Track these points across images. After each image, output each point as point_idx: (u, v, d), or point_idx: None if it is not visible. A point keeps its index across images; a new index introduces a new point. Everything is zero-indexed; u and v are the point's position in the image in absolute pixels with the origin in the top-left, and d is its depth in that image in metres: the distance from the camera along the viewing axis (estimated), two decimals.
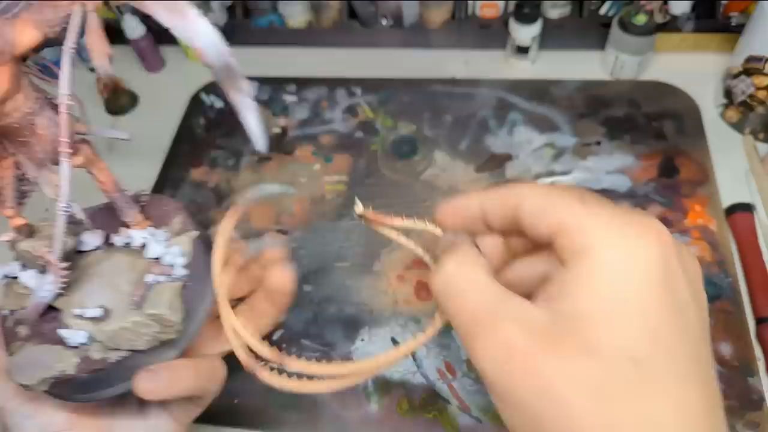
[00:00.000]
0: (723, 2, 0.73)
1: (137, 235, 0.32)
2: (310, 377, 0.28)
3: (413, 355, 0.55)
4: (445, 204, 0.29)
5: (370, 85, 0.79)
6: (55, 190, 0.27)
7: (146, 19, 0.81)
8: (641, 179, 0.66)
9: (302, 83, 0.80)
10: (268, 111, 0.78)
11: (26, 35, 0.24)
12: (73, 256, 0.31)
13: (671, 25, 0.74)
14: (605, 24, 0.75)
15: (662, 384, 0.20)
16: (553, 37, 0.77)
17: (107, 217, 0.34)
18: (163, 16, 0.22)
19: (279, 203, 0.69)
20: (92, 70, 0.86)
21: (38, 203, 0.81)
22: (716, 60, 0.74)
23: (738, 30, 0.68)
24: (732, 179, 0.64)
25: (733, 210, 0.61)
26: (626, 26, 0.70)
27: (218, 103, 0.80)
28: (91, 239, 0.33)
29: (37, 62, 0.27)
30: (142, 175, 0.73)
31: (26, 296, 0.32)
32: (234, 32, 0.84)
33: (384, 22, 0.81)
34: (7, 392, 0.33)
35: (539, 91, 0.75)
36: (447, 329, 0.55)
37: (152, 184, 0.72)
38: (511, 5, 0.77)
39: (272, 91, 0.80)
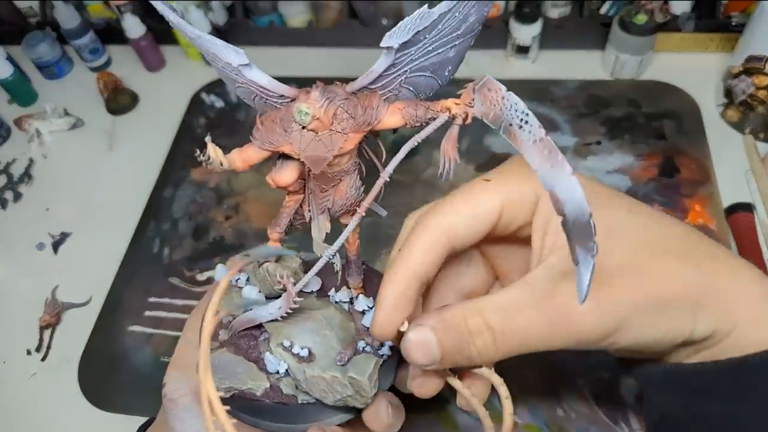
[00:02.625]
0: (723, 2, 0.73)
1: (363, 301, 0.33)
2: None
3: None
4: (387, 312, 0.26)
5: None
6: (322, 234, 0.31)
7: (146, 18, 0.81)
8: (641, 179, 0.66)
9: (302, 83, 0.79)
10: None
11: (392, 120, 0.27)
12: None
13: (671, 24, 0.74)
14: (605, 24, 0.75)
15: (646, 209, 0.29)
16: (554, 36, 0.77)
17: (324, 269, 0.35)
18: (535, 157, 0.23)
19: (279, 202, 0.69)
20: (93, 69, 0.86)
21: (38, 203, 0.80)
22: (716, 60, 0.74)
23: (738, 30, 0.68)
24: (732, 179, 0.64)
25: (733, 209, 0.61)
26: (626, 26, 0.70)
27: (218, 103, 0.80)
28: (314, 283, 0.35)
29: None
30: (144, 174, 0.73)
31: (237, 305, 0.34)
32: (234, 32, 0.84)
33: (384, 21, 0.81)
34: (184, 386, 0.34)
35: (539, 90, 0.75)
36: None
37: (153, 183, 0.72)
38: (512, 5, 0.77)
39: None
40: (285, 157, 0.29)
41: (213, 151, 0.27)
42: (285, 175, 0.30)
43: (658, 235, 0.28)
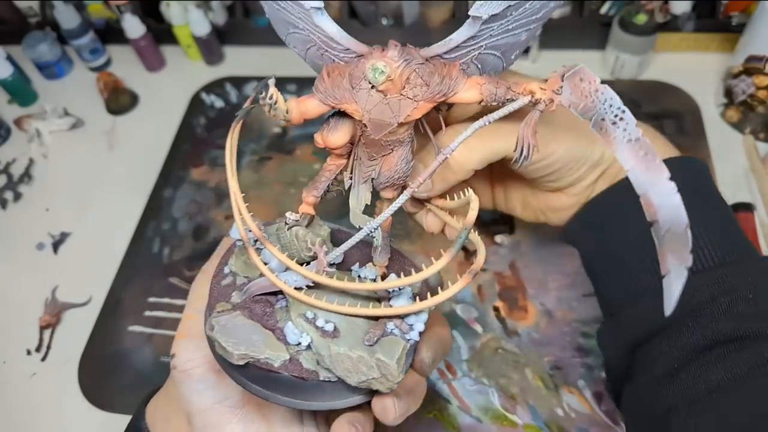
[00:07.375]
0: (723, 2, 0.72)
1: (394, 281, 0.30)
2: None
3: None
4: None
5: None
6: (361, 205, 0.30)
7: (146, 18, 0.81)
8: None
9: (302, 83, 0.80)
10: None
11: (469, 94, 0.26)
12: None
13: (672, 24, 0.74)
14: (606, 23, 0.75)
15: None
16: (554, 36, 0.77)
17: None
18: (629, 157, 0.22)
19: (280, 202, 0.69)
20: (93, 69, 0.86)
21: (38, 203, 0.80)
22: (717, 59, 0.74)
23: (738, 30, 0.68)
24: (732, 179, 0.64)
25: (733, 209, 0.61)
26: (627, 26, 0.70)
27: (218, 103, 0.80)
28: (335, 256, 0.32)
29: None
30: (144, 174, 0.73)
31: (252, 268, 0.32)
32: (234, 32, 0.84)
33: (384, 21, 0.81)
34: (197, 356, 0.33)
35: None
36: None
37: (153, 183, 0.72)
38: None
39: None
40: (339, 115, 0.27)
41: (276, 93, 0.26)
42: (338, 136, 0.28)
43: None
